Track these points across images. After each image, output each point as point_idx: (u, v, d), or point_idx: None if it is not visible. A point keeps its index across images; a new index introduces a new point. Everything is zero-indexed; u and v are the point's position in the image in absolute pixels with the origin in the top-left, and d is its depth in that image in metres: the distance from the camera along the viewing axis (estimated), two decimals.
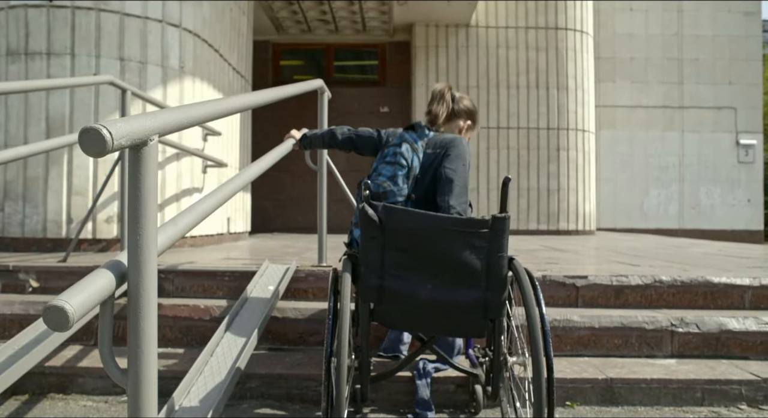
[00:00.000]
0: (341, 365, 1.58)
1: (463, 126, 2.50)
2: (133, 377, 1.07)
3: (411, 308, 1.82)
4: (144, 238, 1.07)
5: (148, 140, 1.05)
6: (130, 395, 1.08)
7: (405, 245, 1.78)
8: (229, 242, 5.65)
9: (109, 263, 1.08)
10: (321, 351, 2.68)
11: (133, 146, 1.02)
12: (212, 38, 5.10)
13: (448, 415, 2.26)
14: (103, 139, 0.92)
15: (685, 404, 2.35)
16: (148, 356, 1.09)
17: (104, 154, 0.93)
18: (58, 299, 0.92)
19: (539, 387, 1.59)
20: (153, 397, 1.09)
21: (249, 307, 2.57)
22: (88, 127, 0.92)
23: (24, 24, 4.18)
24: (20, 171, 4.18)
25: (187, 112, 1.23)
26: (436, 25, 8.19)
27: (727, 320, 2.71)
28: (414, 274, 1.78)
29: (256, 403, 2.35)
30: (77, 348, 2.67)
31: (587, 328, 2.68)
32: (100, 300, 1.01)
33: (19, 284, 3.10)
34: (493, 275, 1.77)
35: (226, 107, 1.48)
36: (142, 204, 1.07)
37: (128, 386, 1.08)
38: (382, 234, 1.78)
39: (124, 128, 0.97)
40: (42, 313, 0.92)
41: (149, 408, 1.09)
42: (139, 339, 1.07)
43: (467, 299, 1.79)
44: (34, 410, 2.28)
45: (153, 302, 1.08)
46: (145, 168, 1.06)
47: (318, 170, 3.27)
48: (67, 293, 0.95)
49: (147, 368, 1.08)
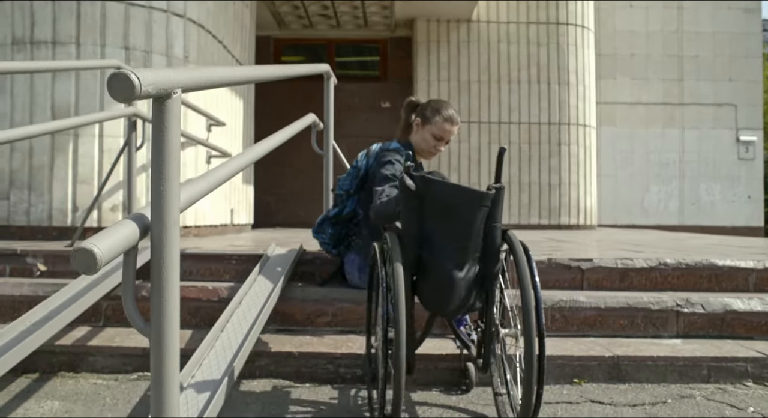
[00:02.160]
0: (400, 331, 1.55)
1: (414, 122, 2.68)
2: (156, 327, 1.09)
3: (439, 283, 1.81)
4: (167, 189, 1.08)
5: (171, 93, 1.07)
6: (153, 345, 1.10)
7: (440, 216, 1.79)
8: (233, 234, 5.67)
9: (133, 214, 1.10)
10: (329, 331, 2.70)
11: (157, 97, 1.04)
12: (216, 29, 5.12)
13: (438, 392, 2.27)
14: (131, 84, 0.93)
15: (692, 382, 2.37)
16: (172, 307, 1.10)
17: (132, 99, 0.94)
18: (86, 242, 0.94)
19: (530, 360, 1.58)
20: (175, 347, 1.11)
21: (257, 287, 2.59)
22: (117, 72, 0.93)
23: (29, 13, 4.19)
24: (26, 160, 4.19)
25: (210, 73, 1.26)
26: (438, 20, 8.22)
27: (732, 300, 2.73)
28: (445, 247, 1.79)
29: (265, 381, 2.37)
30: (86, 329, 2.68)
31: (593, 308, 2.69)
32: (125, 248, 1.02)
33: (27, 268, 3.11)
34: (487, 246, 1.79)
35: (243, 75, 1.50)
36: (165, 156, 1.08)
37: (151, 336, 1.09)
38: (420, 204, 1.80)
39: (150, 76, 0.98)
40: (70, 256, 0.93)
41: (172, 358, 1.10)
42: (162, 289, 1.08)
43: (473, 272, 1.81)
44: (45, 387, 2.29)
45: (176, 254, 1.10)
46: (168, 120, 1.07)
47: (324, 154, 3.29)
48: (94, 238, 0.96)
49: (170, 318, 1.10)
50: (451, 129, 2.60)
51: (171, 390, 1.11)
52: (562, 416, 2.05)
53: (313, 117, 3.17)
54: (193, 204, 1.30)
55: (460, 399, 2.20)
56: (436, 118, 2.57)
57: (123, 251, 1.02)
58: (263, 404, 2.13)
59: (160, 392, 1.08)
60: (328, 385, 2.34)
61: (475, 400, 2.20)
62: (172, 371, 1.10)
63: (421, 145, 2.67)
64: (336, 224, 2.81)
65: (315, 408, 2.11)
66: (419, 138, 2.67)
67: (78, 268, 0.93)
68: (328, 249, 2.88)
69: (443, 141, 2.63)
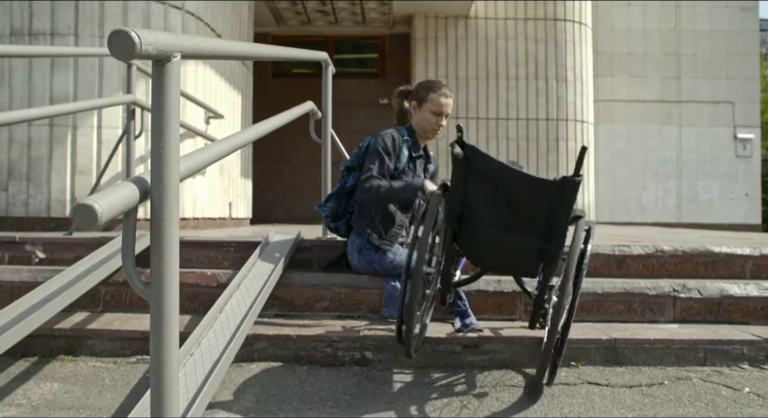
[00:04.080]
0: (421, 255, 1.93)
1: (409, 108, 2.80)
2: (156, 289, 1.10)
3: (479, 241, 2.13)
4: (167, 153, 1.09)
5: (171, 56, 1.07)
6: (153, 308, 1.11)
7: (482, 185, 2.05)
8: (231, 227, 5.68)
9: (133, 177, 1.11)
10: (328, 316, 2.71)
11: (157, 59, 1.05)
12: (214, 22, 5.13)
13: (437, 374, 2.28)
14: (132, 41, 0.94)
15: (688, 364, 2.38)
16: (171, 270, 1.11)
17: (132, 57, 0.95)
18: (87, 199, 0.95)
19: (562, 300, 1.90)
20: (175, 310, 1.12)
21: (256, 271, 2.60)
22: (118, 30, 0.94)
23: (28, 4, 4.20)
24: (24, 151, 4.20)
25: (208, 42, 1.26)
26: (436, 16, 8.23)
27: (729, 285, 2.74)
28: (486, 212, 2.06)
29: (263, 364, 2.37)
30: (85, 314, 2.69)
31: (590, 293, 2.70)
32: (125, 208, 1.03)
33: (26, 256, 3.11)
34: (553, 228, 2.00)
35: (242, 49, 1.52)
36: (164, 121, 1.09)
37: (151, 298, 1.10)
38: (466, 170, 2.06)
39: (151, 36, 0.99)
40: (71, 212, 0.94)
41: (171, 322, 1.11)
42: (162, 250, 1.09)
43: (525, 243, 2.04)
44: (44, 370, 2.30)
45: (175, 217, 1.11)
46: (168, 83, 1.08)
47: (323, 143, 3.30)
48: (96, 196, 0.97)
49: (170, 281, 1.10)
50: (447, 101, 2.72)
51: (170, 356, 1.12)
52: (559, 397, 2.06)
53: (312, 105, 3.18)
54: (193, 174, 1.30)
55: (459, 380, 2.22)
56: (431, 95, 2.70)
57: (123, 211, 1.03)
58: (262, 386, 2.14)
59: (159, 352, 1.09)
60: (327, 367, 2.35)
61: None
62: (172, 334, 1.11)
63: (423, 126, 2.76)
64: (338, 198, 2.87)
65: (313, 389, 2.12)
66: (419, 119, 2.76)
67: (79, 223, 0.93)
68: (327, 223, 2.92)
69: (443, 115, 2.73)
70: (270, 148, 7.79)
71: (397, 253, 2.71)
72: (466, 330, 2.44)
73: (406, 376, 2.27)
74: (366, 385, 2.19)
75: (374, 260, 2.70)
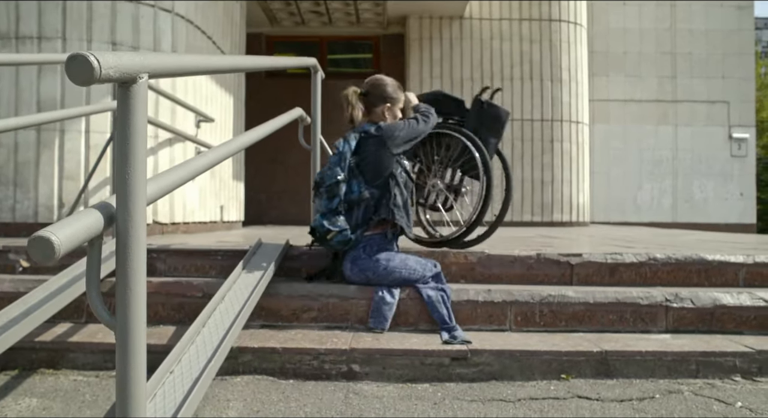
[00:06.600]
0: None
1: (382, 109, 2.93)
2: (122, 319, 1.05)
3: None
4: (132, 178, 1.05)
5: (137, 78, 1.03)
6: (119, 338, 1.06)
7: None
8: (222, 231, 5.63)
9: (98, 203, 1.06)
10: (315, 327, 2.67)
11: (122, 81, 1.00)
12: (205, 25, 5.07)
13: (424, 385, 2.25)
14: (90, 66, 0.90)
15: (680, 377, 2.35)
16: (137, 298, 1.07)
17: (91, 82, 0.91)
18: (44, 230, 0.90)
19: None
20: (142, 339, 1.08)
21: (241, 282, 2.55)
22: (75, 54, 0.90)
23: (14, 7, 4.14)
24: (11, 156, 4.14)
25: (180, 59, 1.22)
26: (430, 17, 8.18)
27: (722, 295, 2.71)
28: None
29: (248, 378, 2.33)
30: (68, 325, 2.64)
31: (582, 303, 2.67)
32: (87, 237, 0.99)
33: (9, 265, 3.06)
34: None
35: (220, 63, 1.47)
36: (130, 144, 1.05)
37: (116, 328, 1.06)
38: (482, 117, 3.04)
39: (112, 59, 0.95)
40: (27, 244, 0.90)
41: (138, 351, 1.07)
42: (128, 280, 1.05)
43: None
44: (24, 384, 2.25)
45: (141, 243, 1.06)
46: (133, 106, 1.04)
47: (311, 149, 3.25)
48: (54, 226, 0.93)
49: (136, 309, 1.06)
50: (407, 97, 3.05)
51: (137, 388, 1.08)
52: (548, 412, 2.03)
53: (300, 111, 3.14)
54: (165, 195, 1.26)
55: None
56: (400, 95, 2.97)
57: (85, 241, 0.98)
58: (245, 402, 2.09)
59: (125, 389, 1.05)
60: (313, 381, 2.31)
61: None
62: (138, 366, 1.07)
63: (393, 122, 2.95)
64: (347, 211, 2.73)
65: (298, 405, 2.08)
66: (392, 117, 2.95)
67: (35, 257, 0.89)
68: (347, 235, 2.71)
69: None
70: (263, 149, 7.73)
71: (390, 259, 2.68)
72: (454, 342, 2.41)
73: (393, 389, 2.23)
74: (353, 399, 2.15)
75: (368, 267, 2.67)
